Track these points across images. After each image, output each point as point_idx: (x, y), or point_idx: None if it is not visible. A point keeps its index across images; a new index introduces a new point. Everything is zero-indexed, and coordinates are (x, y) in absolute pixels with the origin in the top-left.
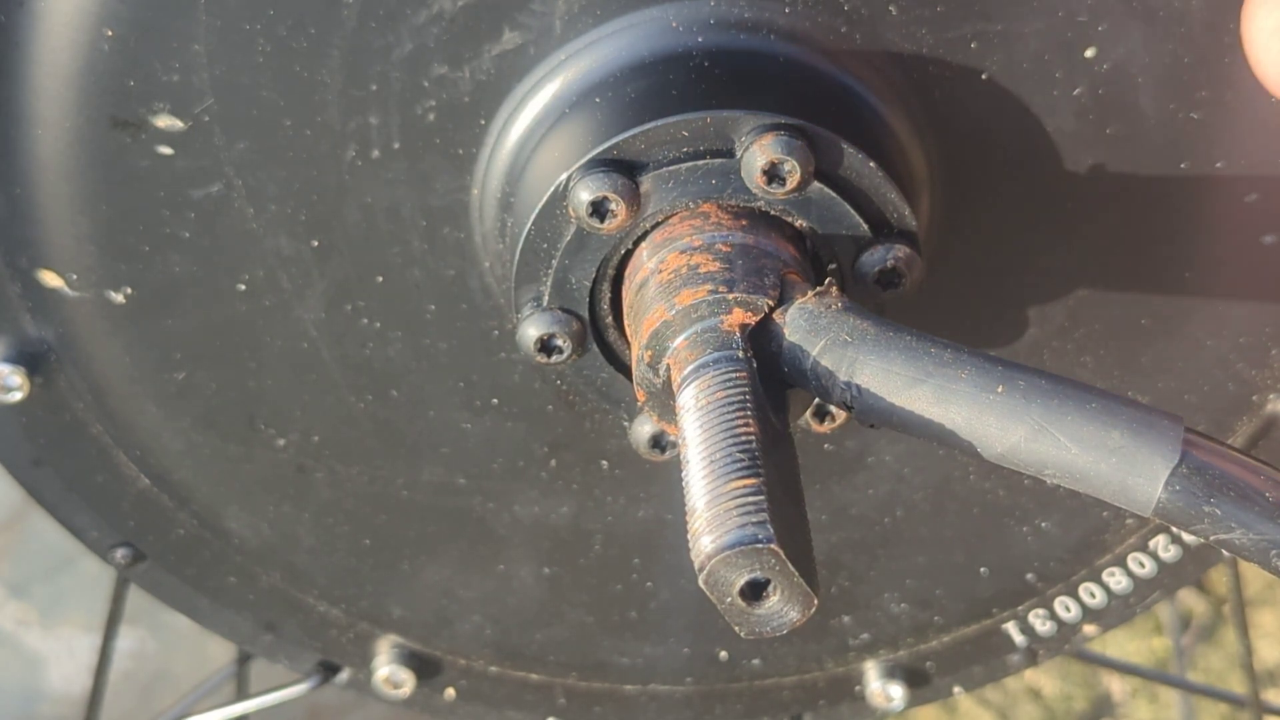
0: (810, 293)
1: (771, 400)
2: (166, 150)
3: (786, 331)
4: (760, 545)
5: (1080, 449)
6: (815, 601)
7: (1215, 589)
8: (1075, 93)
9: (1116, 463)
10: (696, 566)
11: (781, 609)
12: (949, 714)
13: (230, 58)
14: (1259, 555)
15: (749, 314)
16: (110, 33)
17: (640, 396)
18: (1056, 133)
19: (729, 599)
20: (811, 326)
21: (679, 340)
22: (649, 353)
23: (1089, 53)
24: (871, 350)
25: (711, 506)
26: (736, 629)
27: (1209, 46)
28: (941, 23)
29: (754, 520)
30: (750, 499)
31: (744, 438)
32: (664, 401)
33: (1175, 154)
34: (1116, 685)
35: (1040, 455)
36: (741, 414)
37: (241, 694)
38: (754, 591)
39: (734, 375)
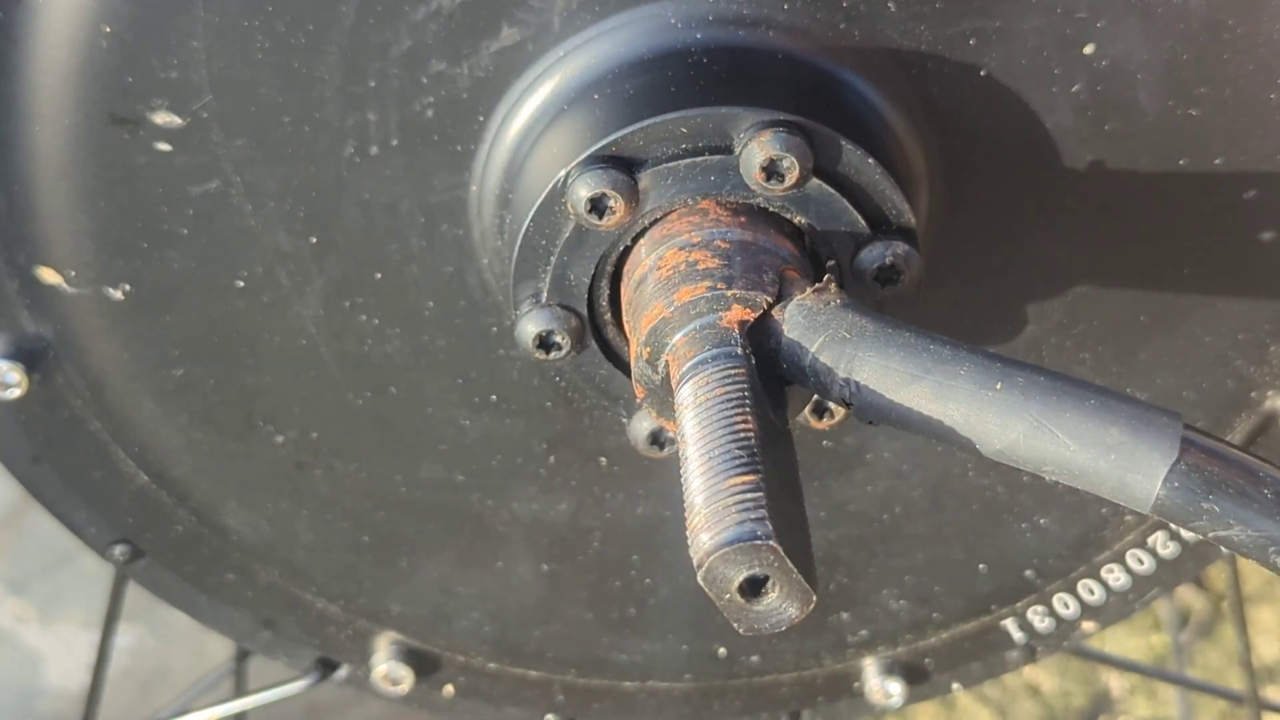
0: (809, 289)
1: (770, 397)
2: (165, 147)
3: (785, 328)
4: (759, 542)
5: (1079, 446)
6: (814, 598)
7: (1214, 586)
8: (1074, 89)
9: (1115, 459)
10: (695, 563)
11: (780, 606)
12: (948, 710)
13: (228, 54)
14: (1258, 552)
15: (748, 310)
16: (109, 29)
17: (639, 393)
18: (1055, 129)
19: (727, 595)
20: (810, 323)
21: (678, 337)
22: (648, 349)
23: (1088, 49)
24: (870, 347)
25: (710, 503)
26: (735, 626)
27: (1208, 43)
28: (940, 19)
29: (753, 517)
30: (749, 495)
31: (743, 434)
32: (663, 398)
33: (1174, 150)
34: (1115, 682)
35: (1039, 452)
36: (740, 410)
37: (240, 691)
38: (752, 588)
39: (733, 372)
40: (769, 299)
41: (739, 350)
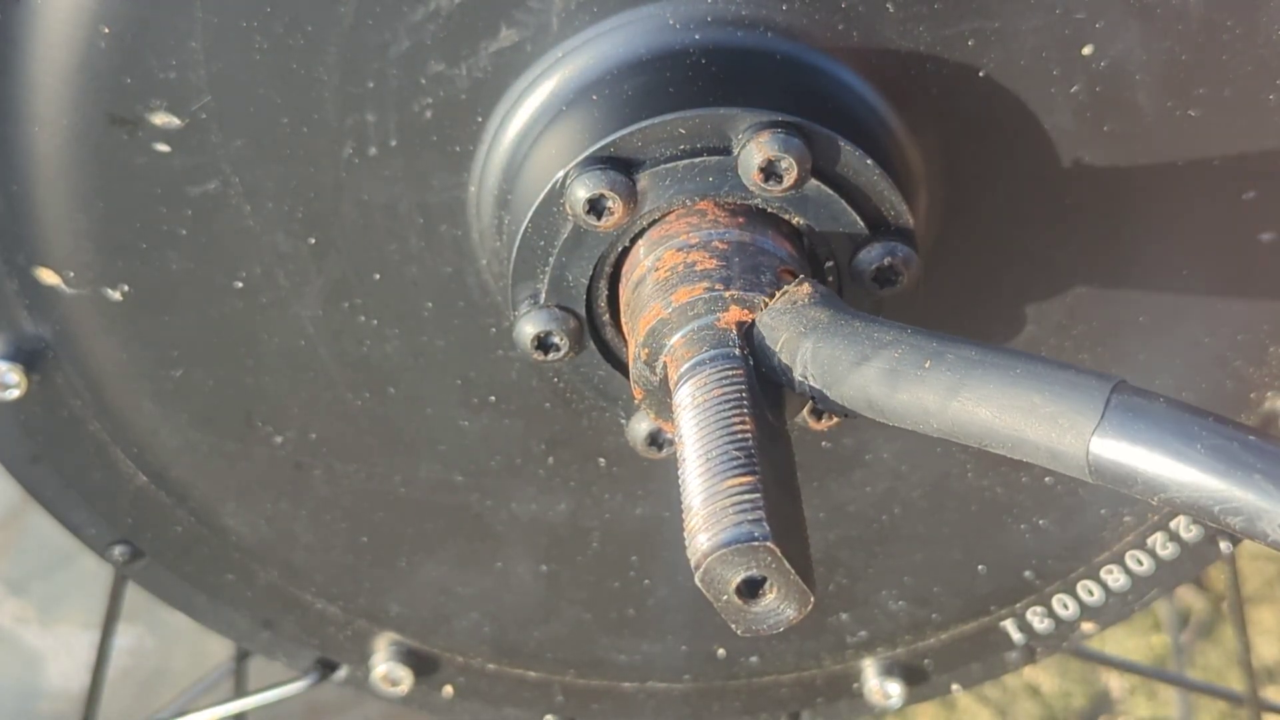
0: (779, 295)
1: (768, 397)
2: (163, 147)
3: (759, 331)
4: (756, 543)
5: (1007, 416)
6: (812, 599)
7: (1214, 586)
8: (1073, 90)
9: (1042, 427)
10: (693, 564)
11: (778, 607)
12: (947, 711)
13: (227, 55)
14: (1204, 513)
15: (745, 312)
16: (107, 30)
17: (637, 394)
18: (1054, 130)
19: (725, 597)
20: (775, 324)
21: (676, 338)
22: (646, 350)
23: (1087, 50)
24: (821, 338)
25: (708, 504)
26: (733, 627)
27: (1207, 44)
28: (939, 20)
29: (750, 518)
30: (746, 496)
31: (740, 435)
32: (661, 399)
33: (1172, 151)
34: (1115, 682)
35: (974, 426)
36: (738, 411)
37: (239, 691)
38: (750, 589)
39: (730, 373)
40: (767, 300)
41: (737, 351)
